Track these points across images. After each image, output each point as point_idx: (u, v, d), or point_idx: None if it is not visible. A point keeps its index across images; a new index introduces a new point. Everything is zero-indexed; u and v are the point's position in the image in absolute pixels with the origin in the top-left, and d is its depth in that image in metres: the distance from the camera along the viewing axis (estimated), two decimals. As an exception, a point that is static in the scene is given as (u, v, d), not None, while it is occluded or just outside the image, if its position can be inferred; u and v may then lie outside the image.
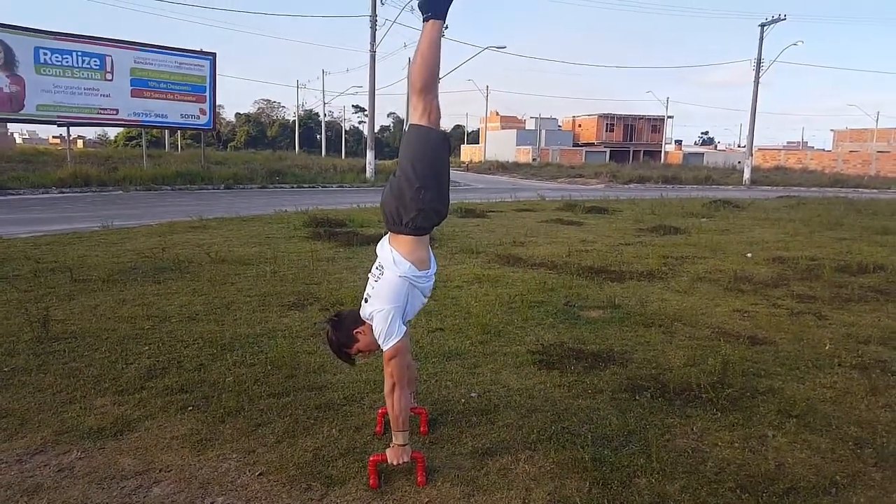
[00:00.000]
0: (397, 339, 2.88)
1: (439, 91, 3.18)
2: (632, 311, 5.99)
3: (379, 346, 2.98)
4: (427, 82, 2.99)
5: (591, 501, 2.75)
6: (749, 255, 9.57)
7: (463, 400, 3.85)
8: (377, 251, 3.11)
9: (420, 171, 2.91)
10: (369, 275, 3.09)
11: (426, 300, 3.12)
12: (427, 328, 5.25)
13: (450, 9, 3.02)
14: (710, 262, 8.87)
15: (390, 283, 2.93)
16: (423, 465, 2.93)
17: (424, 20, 3.00)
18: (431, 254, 3.10)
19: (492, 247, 9.71)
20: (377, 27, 28.61)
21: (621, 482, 2.90)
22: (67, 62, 21.53)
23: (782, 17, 36.14)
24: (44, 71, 21.02)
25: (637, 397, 3.92)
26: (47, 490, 2.80)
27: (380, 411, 3.49)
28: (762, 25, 37.03)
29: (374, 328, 2.95)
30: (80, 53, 21.79)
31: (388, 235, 3.08)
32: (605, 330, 5.39)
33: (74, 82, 21.75)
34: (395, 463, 2.90)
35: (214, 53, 25.75)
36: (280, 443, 3.28)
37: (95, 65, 22.19)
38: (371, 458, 2.92)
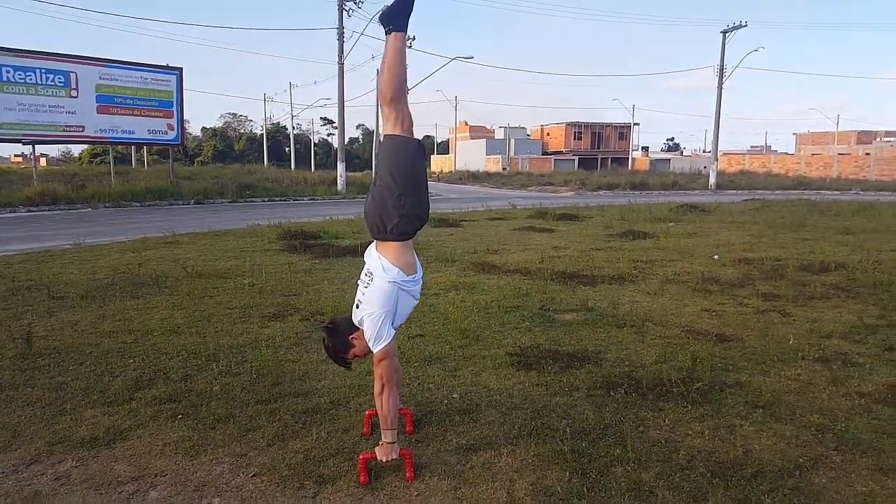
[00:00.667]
0: (386, 342, 3.01)
1: (409, 101, 3.32)
2: (604, 312, 6.19)
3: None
4: (396, 92, 3.13)
5: (571, 490, 2.90)
6: (716, 256, 9.86)
7: (445, 401, 3.99)
8: (365, 258, 3.24)
9: (399, 180, 3.04)
10: (359, 281, 3.22)
11: (416, 302, 3.25)
12: (407, 334, 5.38)
13: (409, 19, 3.17)
14: (678, 264, 9.13)
15: (380, 288, 3.06)
16: (410, 461, 3.06)
17: (387, 33, 3.15)
18: (417, 258, 3.24)
19: (466, 255, 9.87)
20: (345, 39, 28.76)
21: (599, 471, 3.06)
22: (31, 79, 21.30)
23: (743, 23, 37.10)
24: (7, 89, 20.77)
25: (612, 393, 4.10)
26: (47, 496, 2.88)
27: (366, 413, 3.61)
28: (724, 32, 37.96)
29: (364, 332, 3.08)
30: (44, 70, 21.56)
31: (374, 243, 3.21)
32: (579, 331, 5.57)
33: (39, 100, 21.51)
34: (384, 460, 3.03)
35: (181, 68, 25.65)
36: (271, 446, 3.39)
37: (60, 82, 21.97)
38: (361, 456, 3.05)
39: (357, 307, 3.15)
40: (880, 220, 15.57)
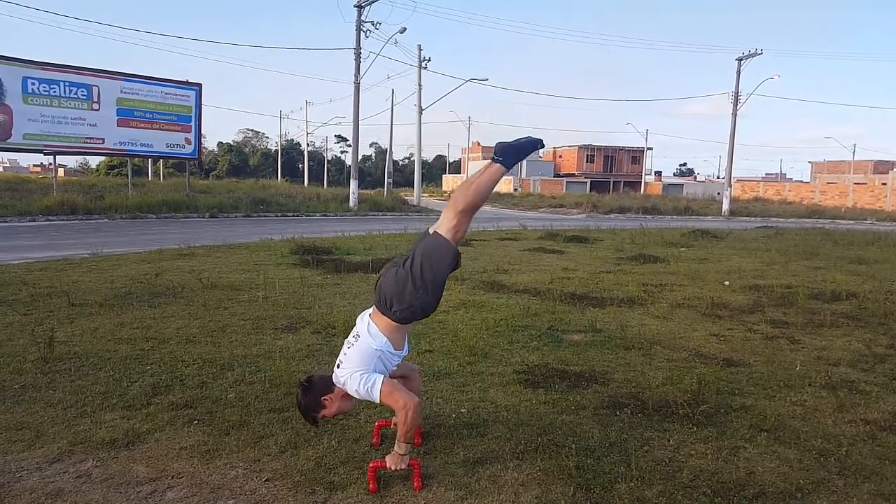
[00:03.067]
0: (380, 384, 3.16)
1: (424, 121, 3.49)
2: (612, 334, 6.26)
3: (343, 412, 3.42)
4: (469, 208, 3.29)
5: (575, 504, 2.97)
6: (726, 282, 9.91)
7: (454, 415, 4.08)
8: (357, 322, 3.44)
9: (427, 277, 3.21)
10: (345, 342, 3.40)
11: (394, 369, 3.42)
12: (417, 350, 5.47)
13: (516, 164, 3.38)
14: (688, 289, 9.19)
15: (363, 352, 3.25)
16: (419, 471, 3.15)
17: (493, 160, 3.32)
18: (407, 338, 3.44)
19: (476, 274, 9.97)
20: (361, 59, 29.14)
21: (603, 487, 3.13)
22: (55, 92, 21.77)
23: (759, 51, 37.36)
24: (31, 101, 21.23)
25: (618, 413, 4.17)
26: (69, 493, 2.99)
27: (376, 424, 3.71)
28: (739, 59, 38.20)
29: (352, 391, 3.22)
30: (67, 83, 22.03)
31: (372, 309, 3.39)
32: (587, 352, 5.64)
33: (61, 112, 21.96)
34: (393, 468, 3.12)
35: (200, 84, 26.12)
36: (283, 453, 3.48)
37: (82, 95, 22.43)
38: (371, 465, 3.14)
39: (338, 367, 3.31)
40: (894, 251, 15.53)
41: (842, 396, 4.59)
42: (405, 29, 29.71)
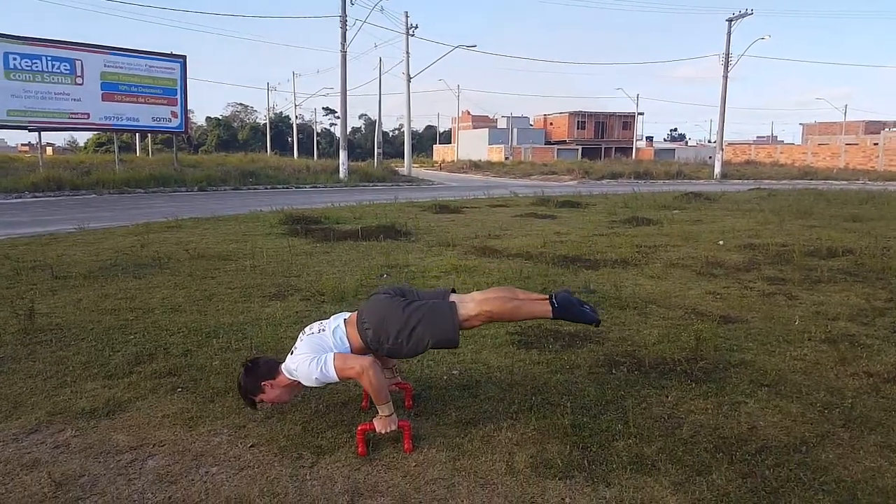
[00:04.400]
0: (332, 359, 3.06)
1: (413, 91, 3.36)
2: (607, 294, 6.14)
3: (282, 401, 3.29)
4: (496, 316, 3.26)
5: (571, 463, 2.87)
6: (721, 242, 9.81)
7: (445, 377, 3.97)
8: (331, 318, 3.36)
9: (416, 333, 3.13)
10: (307, 327, 3.34)
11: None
12: (409, 314, 5.34)
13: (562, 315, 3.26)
14: (682, 249, 9.08)
15: (317, 344, 3.17)
16: (409, 433, 3.04)
17: (549, 299, 3.24)
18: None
19: (467, 240, 9.83)
20: (347, 27, 28.66)
21: (600, 445, 3.03)
22: (37, 67, 21.34)
23: (749, 11, 36.83)
24: (14, 76, 20.81)
25: (613, 371, 4.06)
26: (46, 464, 2.87)
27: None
28: (729, 20, 37.76)
29: (302, 377, 3.11)
30: (49, 58, 21.59)
31: (349, 316, 3.33)
32: (582, 312, 5.52)
33: (45, 87, 21.56)
34: (382, 431, 3.00)
35: (185, 56, 25.65)
36: (269, 419, 3.37)
37: (65, 69, 21.99)
38: (359, 428, 3.02)
39: (291, 353, 3.21)
40: (888, 209, 15.46)
41: (843, 350, 4.49)
42: (392, -5, 29.10)
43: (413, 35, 36.07)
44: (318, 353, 3.11)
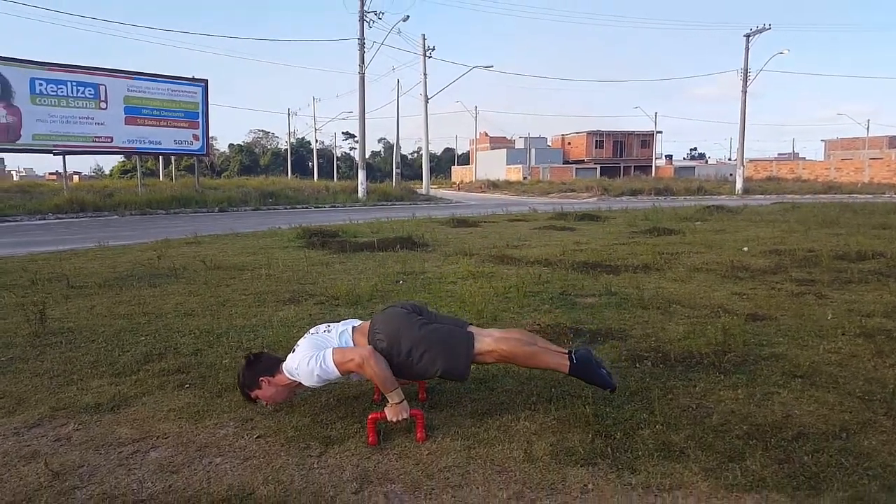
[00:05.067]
0: (330, 354, 2.97)
1: (430, 112, 3.28)
2: (629, 296, 5.95)
3: (277, 401, 3.18)
4: (510, 360, 3.15)
5: (594, 450, 2.70)
6: (745, 248, 9.58)
7: (462, 372, 3.81)
8: (340, 323, 3.29)
9: (427, 359, 3.01)
10: (313, 328, 3.28)
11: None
12: (425, 315, 5.20)
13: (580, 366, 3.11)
14: (705, 255, 8.86)
15: (322, 340, 3.10)
16: (422, 421, 2.89)
17: (568, 354, 3.12)
18: None
19: (486, 249, 9.69)
20: (365, 49, 28.90)
21: (625, 433, 2.86)
22: (62, 92, 21.69)
23: (767, 26, 36.67)
24: (39, 101, 21.16)
25: (637, 365, 3.89)
26: (44, 456, 2.75)
27: (378, 380, 3.45)
28: (747, 36, 37.57)
29: (303, 377, 3.02)
30: (74, 83, 21.94)
31: (360, 324, 3.24)
32: (602, 312, 5.36)
33: (69, 111, 21.88)
34: (394, 420, 2.86)
35: (206, 80, 25.96)
36: (278, 411, 3.24)
37: (90, 94, 22.33)
38: (370, 417, 2.88)
39: (293, 352, 3.12)
40: (917, 218, 15.07)
41: (880, 343, 4.27)
42: (408, 17, 29.56)
43: (430, 57, 36.32)
44: (317, 351, 3.02)
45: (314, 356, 2.98)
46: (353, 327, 3.22)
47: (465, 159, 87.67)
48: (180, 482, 2.54)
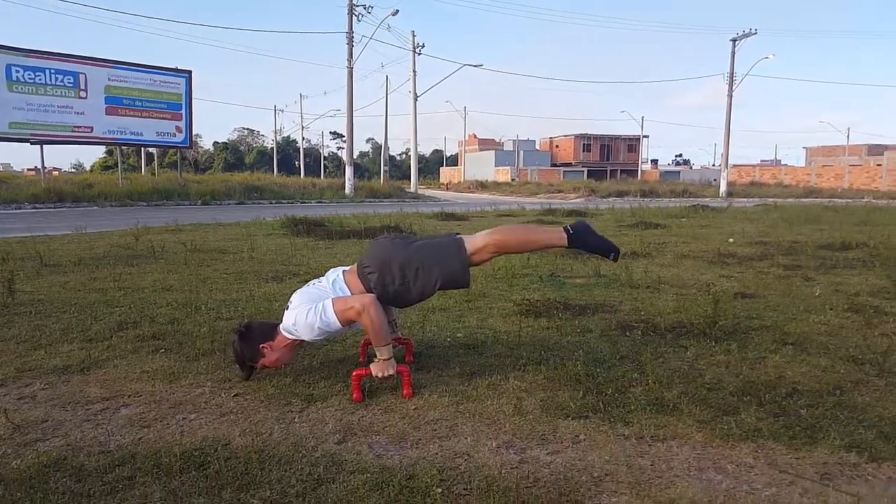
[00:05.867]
0: (331, 304, 2.83)
1: (419, 112, 3.16)
2: (617, 278, 5.88)
3: (282, 364, 3.03)
4: (506, 248, 3.05)
5: (585, 405, 2.61)
6: (731, 240, 9.55)
7: (449, 339, 3.72)
8: (327, 273, 3.14)
9: (422, 271, 2.89)
10: (305, 285, 3.12)
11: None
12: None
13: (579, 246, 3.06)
14: (692, 245, 8.82)
15: (316, 291, 2.98)
16: (408, 378, 2.78)
17: (564, 228, 3.06)
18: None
19: (474, 238, 9.58)
20: (354, 43, 28.73)
21: (617, 390, 2.77)
22: (40, 80, 21.24)
23: (753, 31, 36.92)
24: (16, 88, 20.72)
25: (627, 334, 3.81)
26: (5, 412, 2.60)
27: (362, 342, 3.35)
28: (734, 40, 37.77)
29: (301, 331, 2.87)
30: (53, 71, 21.52)
31: (350, 267, 3.10)
32: (591, 291, 5.28)
33: (48, 100, 21.43)
34: (379, 375, 2.75)
35: (190, 71, 25.60)
36: (258, 373, 3.11)
37: (69, 82, 21.92)
38: (354, 373, 2.77)
39: (287, 308, 2.98)
40: (898, 216, 15.18)
41: (868, 315, 4.23)
42: (397, 11, 29.27)
43: (419, 53, 36.18)
44: (315, 302, 2.87)
45: (313, 308, 2.84)
46: (343, 271, 3.08)
47: (453, 161, 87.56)
48: (151, 435, 2.41)
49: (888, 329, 3.89)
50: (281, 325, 2.98)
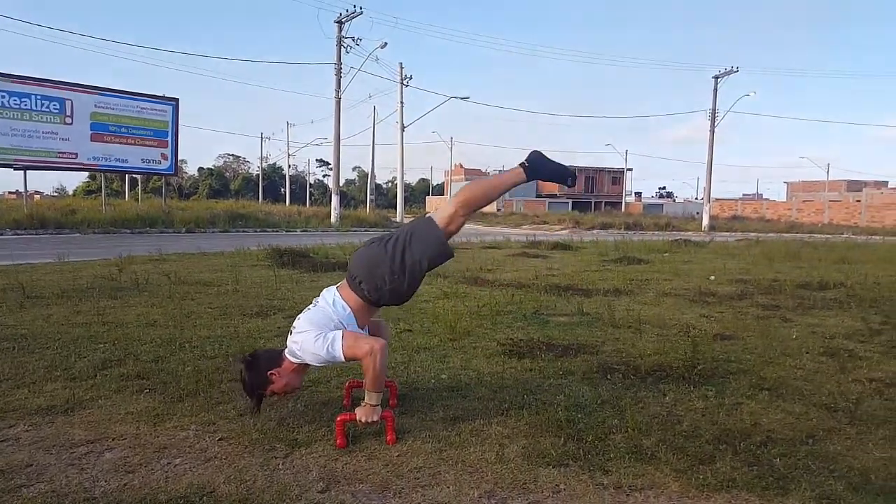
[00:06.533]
0: (341, 338, 2.85)
1: (406, 142, 3.27)
2: (600, 316, 5.97)
3: (292, 389, 3.07)
4: (472, 204, 3.08)
5: (566, 453, 2.66)
6: (712, 277, 9.68)
7: (433, 380, 3.76)
8: (322, 293, 3.16)
9: (407, 260, 2.95)
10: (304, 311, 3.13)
11: None
12: (395, 329, 5.14)
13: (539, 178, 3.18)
14: (674, 282, 8.94)
15: (316, 314, 3.00)
16: (392, 423, 2.82)
17: (521, 164, 3.13)
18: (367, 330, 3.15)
19: (459, 272, 9.64)
20: (342, 75, 29.01)
21: (596, 437, 2.82)
22: (26, 105, 21.20)
23: (735, 69, 37.69)
24: (2, 114, 20.69)
25: (608, 377, 3.87)
26: (-12, 454, 2.61)
27: (347, 384, 3.38)
28: (716, 77, 38.54)
29: (308, 356, 2.91)
30: (39, 97, 21.51)
31: (341, 283, 3.14)
32: (574, 330, 5.35)
33: (33, 125, 21.38)
34: (363, 420, 2.79)
35: (177, 99, 25.69)
36: (242, 416, 3.13)
37: (55, 108, 21.90)
38: (339, 418, 2.80)
39: (290, 333, 3.02)
40: (875, 254, 15.43)
41: (843, 360, 4.33)
42: (386, 44, 29.61)
43: (407, 85, 36.58)
44: (323, 330, 2.90)
45: (322, 336, 2.86)
46: (337, 288, 3.10)
47: (439, 190, 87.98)
48: (136, 481, 2.43)
49: (861, 375, 3.98)
50: (286, 351, 3.02)
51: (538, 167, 3.13)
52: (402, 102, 36.77)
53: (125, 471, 2.52)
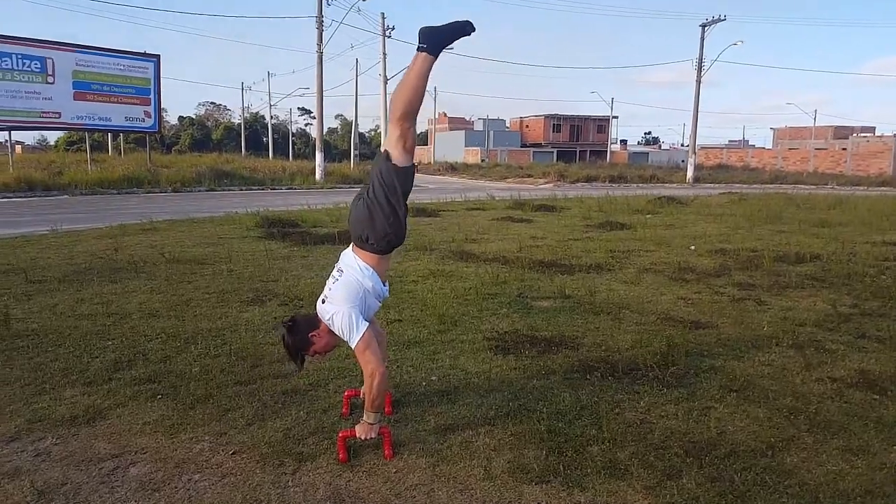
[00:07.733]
0: (361, 333, 3.05)
1: (389, 91, 3.34)
2: (581, 300, 6.26)
3: (332, 347, 3.28)
4: (408, 111, 3.12)
5: (547, 467, 2.96)
6: (692, 247, 10.00)
7: (424, 383, 4.04)
8: (341, 256, 3.32)
9: (394, 203, 3.11)
10: (330, 276, 3.28)
11: (379, 305, 3.35)
12: (386, 319, 5.41)
13: (444, 49, 3.14)
14: (655, 254, 9.24)
15: (348, 284, 3.15)
16: (389, 439, 3.10)
17: (418, 49, 3.08)
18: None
19: (445, 244, 9.90)
20: (324, 28, 28.60)
21: (575, 450, 3.12)
22: (7, 65, 20.89)
23: (722, 17, 37.45)
24: (-18, 74, 20.41)
25: (588, 377, 4.16)
26: (27, 472, 2.88)
27: (345, 394, 3.65)
28: (703, 26, 38.29)
29: (335, 329, 3.11)
30: (19, 56, 21.16)
31: (351, 246, 3.29)
32: (556, 318, 5.64)
33: (15, 85, 21.11)
34: (363, 437, 3.07)
35: (158, 55, 25.34)
36: (250, 425, 3.41)
37: (36, 67, 21.59)
38: (340, 434, 3.08)
39: (322, 302, 3.20)
40: (855, 213, 15.82)
41: (809, 355, 4.64)
42: (368, -4, 29.06)
43: (390, 36, 36.05)
44: (354, 306, 3.08)
45: (354, 318, 3.05)
46: (352, 250, 3.25)
47: (423, 139, 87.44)
48: (163, 501, 2.71)
49: (825, 373, 4.30)
50: (319, 312, 3.22)
51: (436, 41, 3.08)
52: (384, 54, 36.30)
53: (151, 489, 2.80)
